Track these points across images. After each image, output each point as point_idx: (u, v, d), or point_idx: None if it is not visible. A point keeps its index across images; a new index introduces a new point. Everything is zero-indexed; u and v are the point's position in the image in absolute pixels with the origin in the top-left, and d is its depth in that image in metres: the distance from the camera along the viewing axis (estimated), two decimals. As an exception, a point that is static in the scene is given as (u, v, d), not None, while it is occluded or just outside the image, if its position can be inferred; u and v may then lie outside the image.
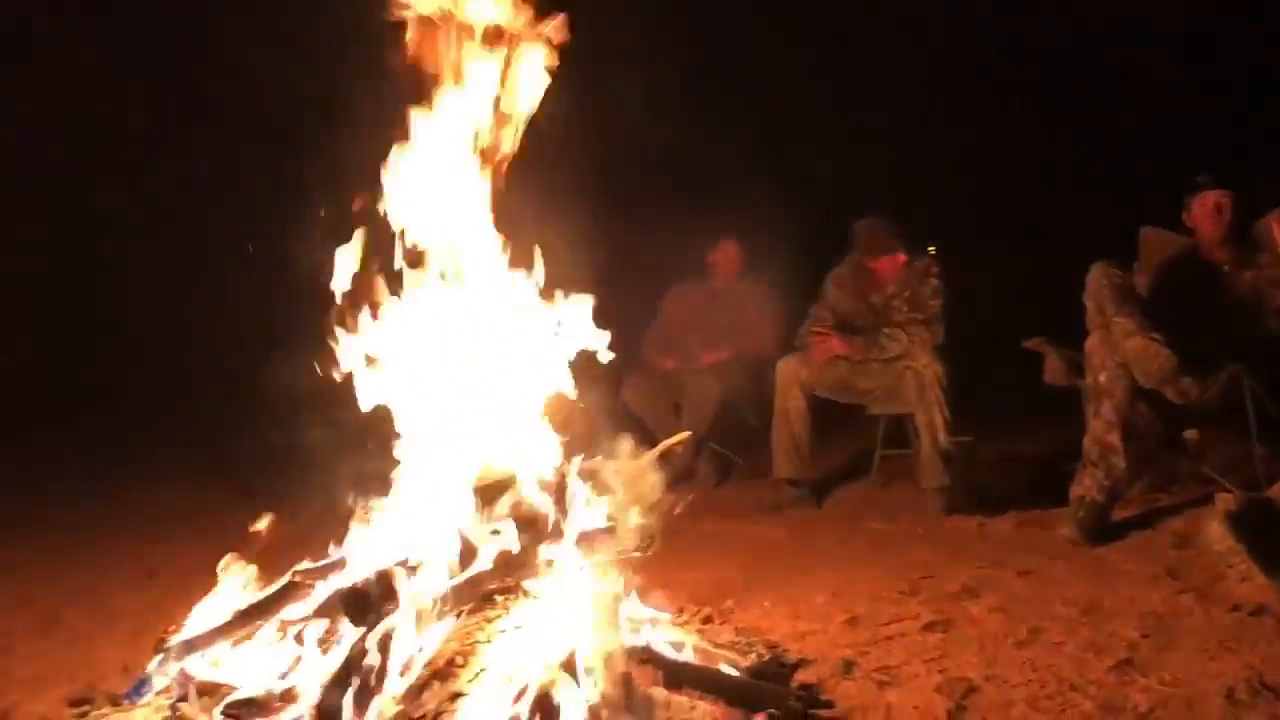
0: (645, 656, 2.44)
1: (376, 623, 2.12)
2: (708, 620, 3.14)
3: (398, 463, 2.61)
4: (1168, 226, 4.33)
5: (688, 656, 2.59)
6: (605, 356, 2.73)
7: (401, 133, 2.66)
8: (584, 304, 2.72)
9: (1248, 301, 3.96)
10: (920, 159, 8.48)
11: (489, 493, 2.42)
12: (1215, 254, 4.17)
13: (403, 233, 2.65)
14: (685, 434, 3.32)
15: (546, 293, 2.72)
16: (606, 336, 2.72)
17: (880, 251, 4.91)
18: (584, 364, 2.74)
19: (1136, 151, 7.85)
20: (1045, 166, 8.47)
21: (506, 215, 2.74)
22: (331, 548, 2.55)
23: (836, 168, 7.85)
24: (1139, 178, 5.45)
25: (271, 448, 4.70)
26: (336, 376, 2.60)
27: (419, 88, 2.65)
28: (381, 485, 2.59)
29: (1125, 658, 2.58)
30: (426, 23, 2.63)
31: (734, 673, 2.55)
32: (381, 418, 2.61)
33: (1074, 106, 8.46)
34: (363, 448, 2.67)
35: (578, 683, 2.16)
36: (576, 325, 2.71)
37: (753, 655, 2.75)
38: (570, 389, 2.70)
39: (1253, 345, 3.85)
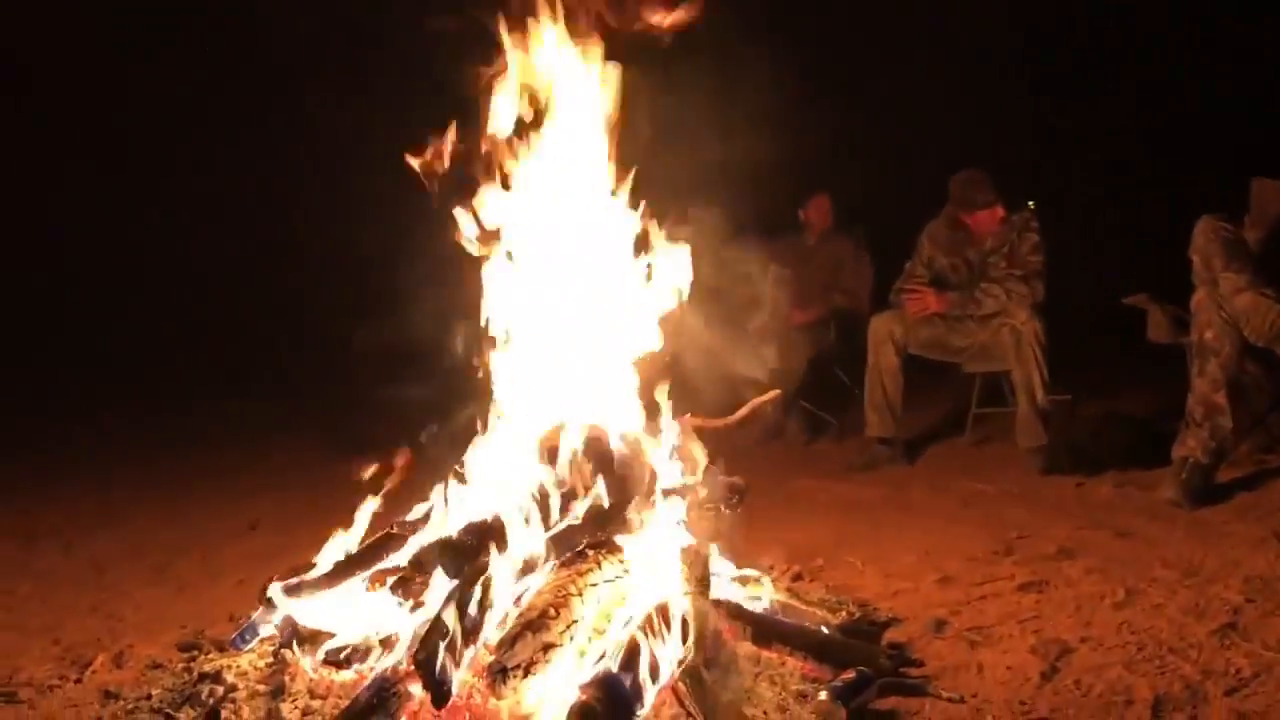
0: (735, 612, 2.46)
1: (472, 574, 2.16)
2: (798, 578, 3.14)
3: (493, 416, 2.65)
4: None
5: (778, 613, 2.60)
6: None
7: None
8: (682, 254, 2.72)
9: (1367, 256, 3.79)
10: (1017, 113, 8.27)
11: (580, 448, 2.45)
12: (1333, 206, 3.99)
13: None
14: (776, 392, 3.30)
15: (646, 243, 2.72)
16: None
17: (978, 206, 4.81)
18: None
19: (1249, 99, 7.54)
20: (1148, 116, 8.18)
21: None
22: (427, 501, 2.61)
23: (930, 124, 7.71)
24: (1251, 126, 5.23)
25: (371, 403, 4.82)
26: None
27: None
28: (475, 439, 2.63)
29: (1228, 622, 2.52)
30: None
31: (824, 630, 2.56)
32: (477, 372, 2.66)
33: (1183, 54, 8.14)
34: (458, 402, 2.71)
35: (668, 636, 2.19)
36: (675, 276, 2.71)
37: (843, 613, 2.76)
38: (661, 344, 2.70)
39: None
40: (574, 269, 2.67)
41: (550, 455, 2.46)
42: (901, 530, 3.66)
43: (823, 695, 2.15)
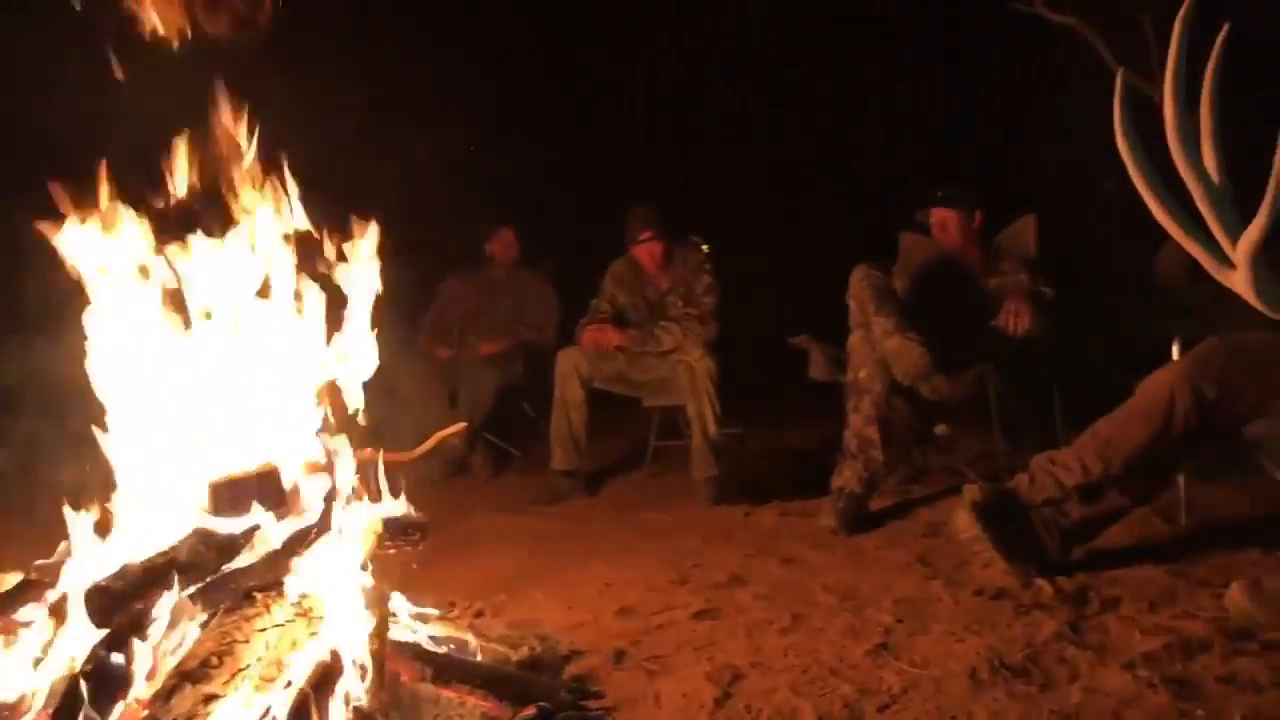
0: (414, 653, 2.38)
1: (122, 622, 1.98)
2: (479, 614, 3.10)
3: (137, 454, 2.42)
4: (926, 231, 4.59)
5: (457, 651, 2.55)
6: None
7: None
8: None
9: (993, 306, 4.23)
10: (695, 154, 8.66)
11: (245, 487, 2.29)
12: (964, 260, 4.45)
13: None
14: (460, 425, 3.26)
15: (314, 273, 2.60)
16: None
17: (636, 240, 4.99)
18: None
19: (903, 153, 8.25)
20: (817, 165, 8.78)
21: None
22: (67, 544, 2.36)
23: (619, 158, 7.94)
24: (905, 179, 5.73)
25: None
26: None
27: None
28: (120, 478, 2.40)
29: (881, 642, 2.70)
30: None
31: (505, 666, 2.53)
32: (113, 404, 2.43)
33: (844, 103, 8.80)
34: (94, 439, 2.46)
35: (343, 681, 2.09)
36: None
37: (524, 648, 2.74)
38: (337, 380, 2.59)
39: (997, 346, 4.12)
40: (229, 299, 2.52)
41: (215, 494, 2.29)
42: (584, 562, 3.70)
43: (503, 734, 2.12)
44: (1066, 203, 6.97)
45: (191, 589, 2.10)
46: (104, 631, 1.97)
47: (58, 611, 2.09)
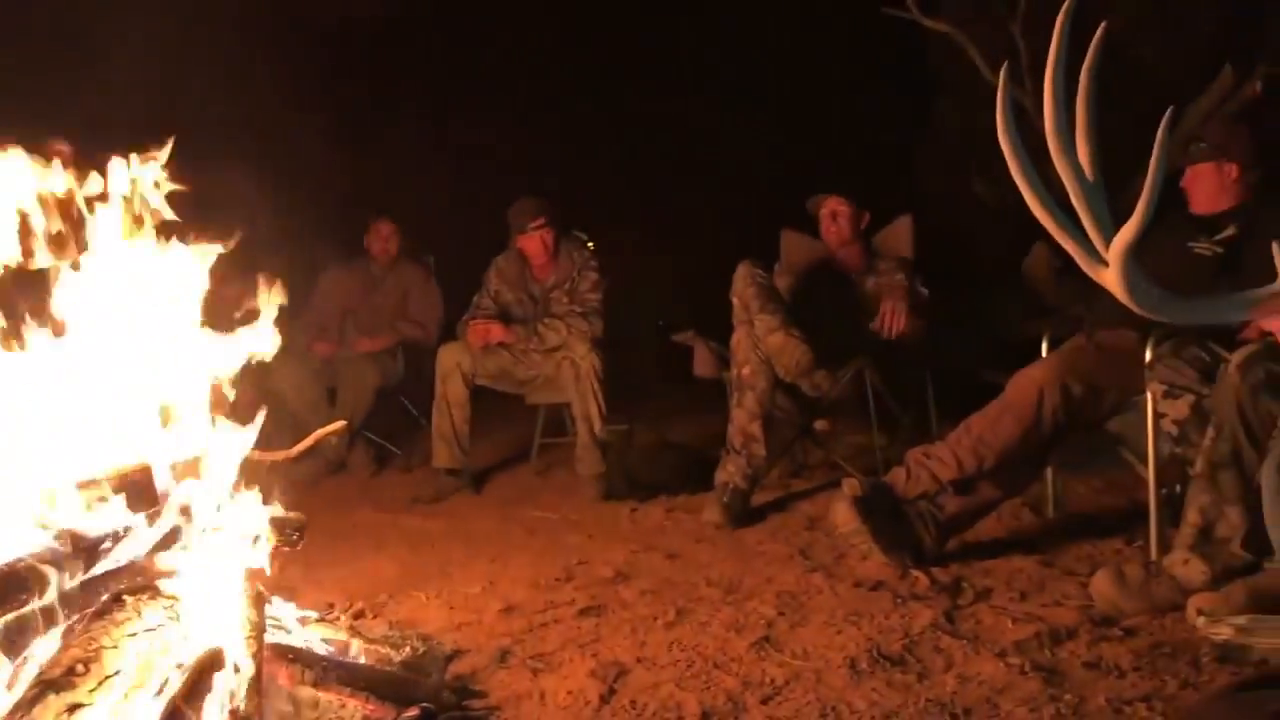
0: (292, 655, 2.32)
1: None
2: (360, 615, 3.04)
3: None
4: (809, 229, 4.67)
5: (337, 653, 2.49)
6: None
7: None
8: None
9: (871, 304, 4.33)
10: (576, 150, 8.65)
11: (102, 490, 2.20)
12: (844, 259, 4.54)
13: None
14: (339, 423, 3.18)
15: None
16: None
17: (523, 230, 4.95)
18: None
19: (790, 151, 8.36)
20: (702, 165, 8.86)
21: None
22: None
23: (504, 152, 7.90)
24: (786, 180, 5.81)
25: None
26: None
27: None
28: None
29: (763, 634, 2.74)
30: None
31: (387, 668, 2.48)
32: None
33: (725, 103, 8.88)
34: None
35: (217, 686, 2.02)
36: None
37: (406, 649, 2.69)
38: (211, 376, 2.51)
39: (874, 344, 4.22)
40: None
41: (81, 493, 2.19)
42: (467, 561, 3.66)
43: (385, 736, 2.08)
44: (940, 204, 7.18)
45: (56, 593, 2.01)
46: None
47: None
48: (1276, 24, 5.78)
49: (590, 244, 5.12)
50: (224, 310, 2.57)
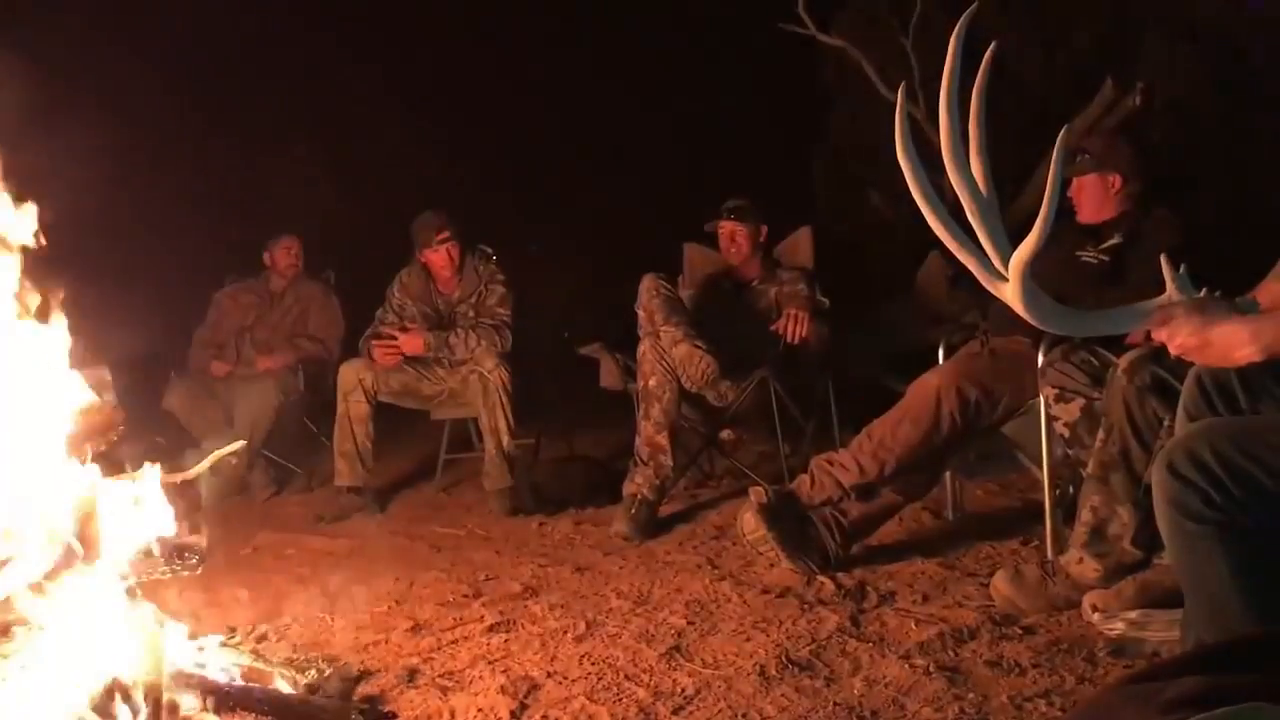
0: (192, 682, 2.26)
1: None
2: (263, 638, 2.97)
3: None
4: (712, 242, 4.73)
5: (240, 678, 2.43)
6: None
7: None
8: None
9: (774, 314, 4.39)
10: (479, 164, 8.61)
11: None
12: (746, 271, 4.60)
13: None
14: (238, 443, 3.11)
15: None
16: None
17: (428, 245, 4.91)
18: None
19: (692, 164, 8.43)
20: (606, 178, 8.87)
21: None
22: None
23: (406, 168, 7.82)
24: (688, 193, 5.86)
25: None
26: None
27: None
28: None
29: (674, 644, 2.75)
30: None
31: (291, 692, 2.43)
32: None
33: (626, 116, 8.91)
34: None
35: (120, 716, 1.96)
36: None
37: (311, 671, 2.64)
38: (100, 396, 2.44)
39: (778, 353, 4.28)
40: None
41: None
42: (372, 580, 3.60)
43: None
44: (837, 215, 7.31)
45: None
46: None
47: None
48: (1153, 39, 6.03)
49: (495, 257, 5.08)
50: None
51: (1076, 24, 6.59)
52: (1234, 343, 1.75)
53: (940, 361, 3.61)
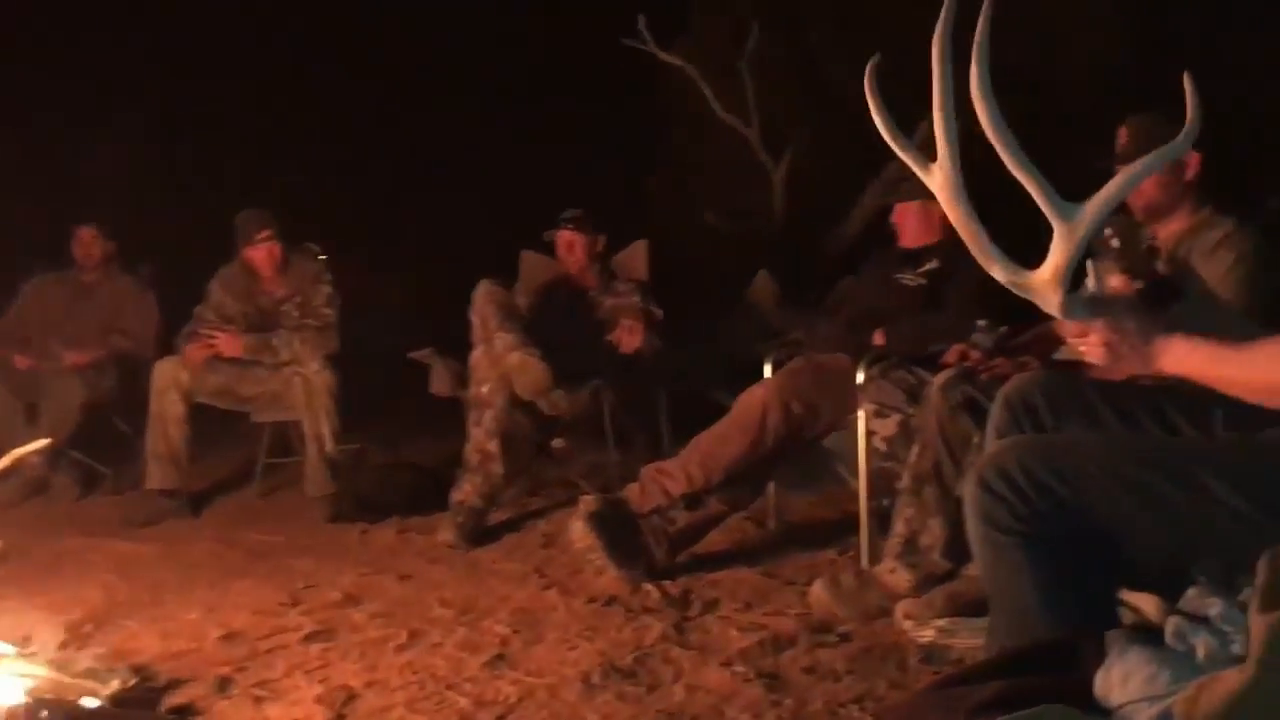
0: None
1: None
2: (63, 647, 2.82)
3: None
4: (548, 251, 4.74)
5: (36, 691, 2.30)
6: None
7: None
8: None
9: (608, 324, 4.43)
10: (309, 163, 8.41)
11: None
12: (582, 280, 4.63)
13: None
14: (42, 442, 2.94)
15: None
16: None
17: (250, 241, 4.75)
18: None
19: (530, 174, 8.41)
20: (443, 184, 8.78)
21: None
22: None
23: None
24: (530, 200, 5.85)
25: None
26: None
27: None
28: None
29: (497, 653, 2.74)
30: None
31: (94, 703, 2.32)
32: None
33: (471, 123, 8.84)
34: None
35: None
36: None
37: (115, 682, 2.52)
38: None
39: (611, 363, 4.31)
40: None
41: None
42: (184, 587, 3.46)
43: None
44: (671, 230, 7.42)
45: None
46: None
47: None
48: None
49: (323, 257, 4.95)
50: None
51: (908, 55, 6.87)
52: (1172, 351, 1.75)
53: (767, 375, 3.70)
